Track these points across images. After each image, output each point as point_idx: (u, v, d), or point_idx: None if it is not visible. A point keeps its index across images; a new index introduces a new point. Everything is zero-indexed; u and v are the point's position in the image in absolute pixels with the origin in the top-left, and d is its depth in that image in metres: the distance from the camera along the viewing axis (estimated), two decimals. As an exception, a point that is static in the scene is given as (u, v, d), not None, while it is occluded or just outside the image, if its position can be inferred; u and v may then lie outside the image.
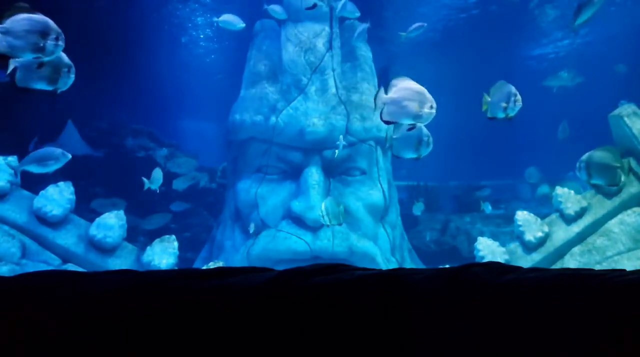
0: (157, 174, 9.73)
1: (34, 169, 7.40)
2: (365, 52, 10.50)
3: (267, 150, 9.58)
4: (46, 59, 5.33)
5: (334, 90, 9.66)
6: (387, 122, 5.74)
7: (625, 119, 9.56)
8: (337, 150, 9.11)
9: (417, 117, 5.55)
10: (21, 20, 5.18)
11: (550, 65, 17.08)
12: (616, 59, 14.62)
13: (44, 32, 5.22)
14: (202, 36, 16.01)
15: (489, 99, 5.91)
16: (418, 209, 11.21)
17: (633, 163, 9.61)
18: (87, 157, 11.80)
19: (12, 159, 8.77)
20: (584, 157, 6.38)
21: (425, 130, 5.94)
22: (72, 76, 5.73)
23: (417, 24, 9.80)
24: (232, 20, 9.62)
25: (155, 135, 13.50)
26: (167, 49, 14.99)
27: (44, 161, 7.30)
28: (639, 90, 10.91)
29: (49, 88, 5.66)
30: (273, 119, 9.47)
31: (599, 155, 6.32)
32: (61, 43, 5.27)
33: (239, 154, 9.99)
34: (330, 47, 9.78)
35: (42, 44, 5.19)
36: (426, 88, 5.88)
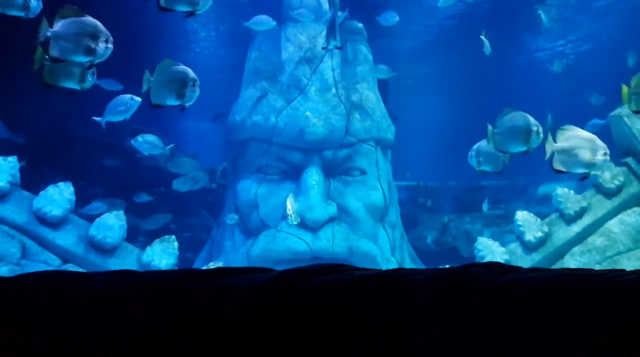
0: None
1: (114, 118, 7.24)
2: (365, 52, 10.50)
3: (267, 150, 9.58)
4: (96, 61, 5.39)
5: (333, 90, 9.67)
6: (558, 171, 5.66)
7: (625, 119, 9.57)
8: None
9: (591, 165, 5.52)
10: (71, 23, 5.18)
11: (551, 65, 17.06)
12: (616, 57, 14.60)
13: (94, 35, 5.22)
14: (202, 36, 16.00)
15: (628, 90, 5.85)
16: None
17: (633, 163, 9.62)
18: (87, 158, 11.79)
19: (12, 159, 8.77)
20: (475, 146, 6.87)
21: (532, 119, 5.81)
22: (198, 90, 5.80)
23: None
24: (263, 20, 9.43)
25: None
26: (167, 48, 14.99)
27: (118, 109, 7.18)
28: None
29: (178, 103, 5.81)
30: (273, 119, 9.47)
31: (486, 145, 6.77)
32: (110, 46, 5.30)
33: (239, 154, 10.00)
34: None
35: (92, 47, 5.22)
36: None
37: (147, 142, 8.82)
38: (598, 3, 14.48)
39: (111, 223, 8.82)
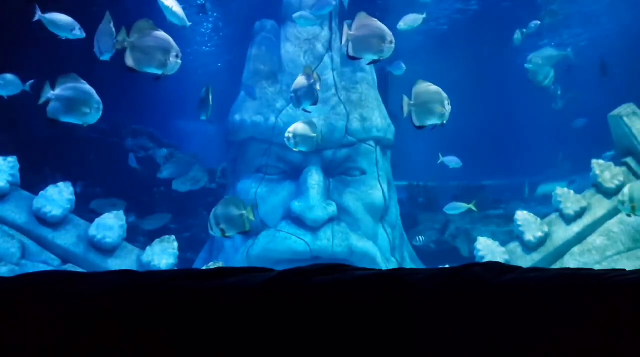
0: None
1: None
2: (365, 52, 10.49)
3: (267, 150, 9.58)
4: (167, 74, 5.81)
5: (333, 90, 9.66)
6: None
7: (625, 119, 9.57)
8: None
9: None
10: (147, 36, 5.57)
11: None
12: (614, 58, 14.60)
13: (166, 49, 5.57)
14: (201, 36, 16.01)
15: None
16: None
17: (633, 163, 9.62)
18: (87, 158, 11.79)
19: (12, 159, 8.77)
20: (291, 129, 7.95)
21: None
22: (450, 108, 6.46)
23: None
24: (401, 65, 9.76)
25: (155, 136, 13.49)
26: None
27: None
28: (635, 90, 10.92)
29: (440, 122, 6.47)
30: (273, 119, 9.47)
31: (301, 128, 7.98)
32: (180, 61, 5.66)
33: (239, 155, 9.99)
34: (329, 48, 9.77)
35: (164, 61, 5.50)
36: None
37: (4, 81, 8.00)
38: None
39: (111, 223, 8.81)
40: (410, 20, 9.14)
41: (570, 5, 15.23)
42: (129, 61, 5.50)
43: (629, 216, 7.38)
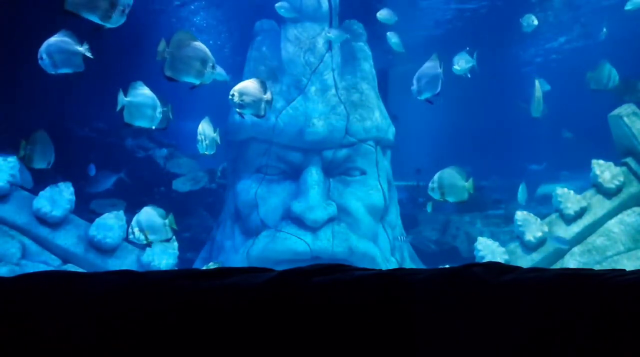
0: None
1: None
2: (365, 52, 10.50)
3: (267, 150, 9.58)
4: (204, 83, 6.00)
5: (333, 90, 9.66)
6: None
7: (625, 119, 9.57)
8: None
9: None
10: (186, 47, 5.75)
11: (549, 66, 17.09)
12: (615, 60, 14.60)
13: (203, 60, 5.79)
14: (202, 36, 15.98)
15: None
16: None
17: (633, 163, 9.62)
18: (87, 158, 11.78)
19: (12, 159, 8.77)
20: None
21: None
22: (540, 104, 7.64)
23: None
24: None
25: (154, 136, 13.48)
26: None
27: None
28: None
29: (538, 116, 7.54)
30: (273, 119, 9.47)
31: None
32: (215, 71, 5.78)
33: (239, 155, 9.99)
34: (329, 48, 9.77)
35: (201, 71, 5.64)
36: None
37: None
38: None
39: (111, 223, 8.82)
40: (384, 14, 9.71)
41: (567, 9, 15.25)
42: (168, 71, 5.63)
43: (441, 201, 7.38)
